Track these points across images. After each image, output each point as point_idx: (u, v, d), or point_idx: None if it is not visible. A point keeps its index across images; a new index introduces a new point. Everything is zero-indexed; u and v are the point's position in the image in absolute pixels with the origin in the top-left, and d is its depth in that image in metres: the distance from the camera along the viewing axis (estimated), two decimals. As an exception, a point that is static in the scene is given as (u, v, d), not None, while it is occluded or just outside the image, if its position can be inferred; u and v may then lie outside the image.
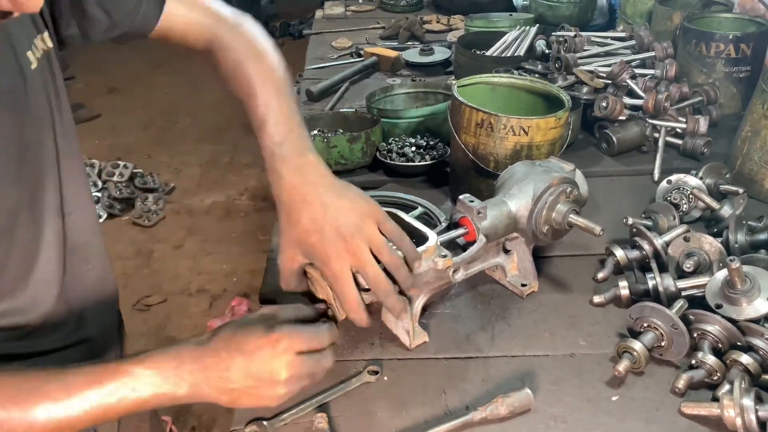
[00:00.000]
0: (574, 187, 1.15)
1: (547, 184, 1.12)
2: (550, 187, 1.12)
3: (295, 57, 4.44)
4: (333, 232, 0.87)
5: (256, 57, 1.01)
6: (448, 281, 1.10)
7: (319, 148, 1.60)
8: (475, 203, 1.10)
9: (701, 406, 0.94)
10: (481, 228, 1.10)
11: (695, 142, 1.65)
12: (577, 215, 1.13)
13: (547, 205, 1.12)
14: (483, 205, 1.09)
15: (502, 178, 1.20)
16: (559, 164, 1.20)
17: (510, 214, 1.13)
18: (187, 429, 2.47)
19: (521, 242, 1.20)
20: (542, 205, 1.12)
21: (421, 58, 2.42)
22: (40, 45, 0.87)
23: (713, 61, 1.84)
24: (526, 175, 1.15)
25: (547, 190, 1.12)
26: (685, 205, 1.38)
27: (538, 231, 1.14)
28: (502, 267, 1.22)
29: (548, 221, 1.13)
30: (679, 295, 1.12)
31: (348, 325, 1.13)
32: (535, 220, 1.13)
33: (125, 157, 4.21)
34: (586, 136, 1.81)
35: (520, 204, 1.13)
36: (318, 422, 0.93)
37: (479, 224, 1.09)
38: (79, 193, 0.98)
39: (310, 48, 2.78)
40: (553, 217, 1.13)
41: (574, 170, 1.20)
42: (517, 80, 1.54)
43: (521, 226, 1.15)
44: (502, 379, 1.04)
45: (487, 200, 1.14)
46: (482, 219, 1.10)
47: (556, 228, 1.14)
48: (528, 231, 1.15)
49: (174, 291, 3.25)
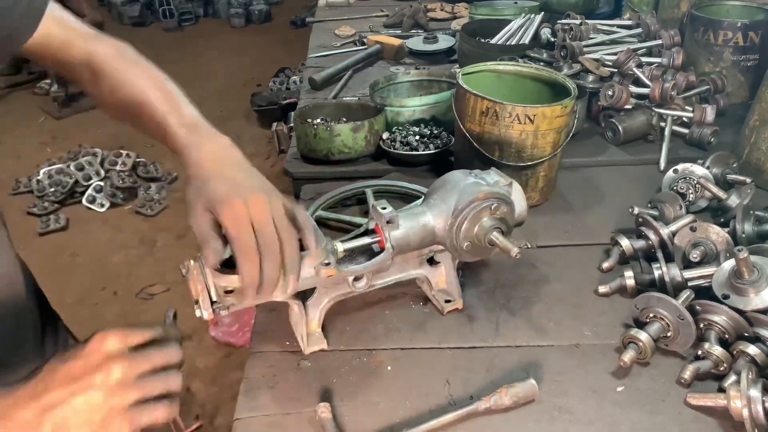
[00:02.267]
0: (501, 204, 1.04)
1: (471, 198, 1.02)
2: (474, 201, 1.02)
3: (300, 45, 4.42)
4: (246, 184, 0.87)
5: (139, 65, 1.01)
6: (350, 290, 1.05)
7: (323, 136, 1.59)
8: (387, 211, 1.01)
9: (707, 397, 0.94)
10: (390, 238, 1.02)
11: (702, 131, 1.64)
12: (500, 234, 1.03)
13: (468, 219, 1.02)
14: (394, 214, 1.01)
15: (433, 185, 1.10)
16: (496, 177, 1.10)
17: (427, 225, 1.04)
18: (191, 417, 2.47)
19: (448, 256, 1.13)
20: (462, 219, 1.02)
21: (425, 46, 2.40)
22: None
23: (721, 49, 1.82)
24: (455, 186, 1.05)
25: (470, 204, 1.02)
26: (691, 194, 1.37)
27: (458, 246, 1.05)
28: (427, 279, 1.15)
29: (469, 237, 1.04)
30: (686, 286, 1.11)
31: (349, 317, 1.13)
32: (454, 235, 1.04)
33: (128, 146, 4.20)
34: (592, 125, 1.79)
35: (440, 215, 1.04)
36: (321, 412, 0.93)
37: (388, 233, 1.01)
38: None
39: (313, 36, 2.76)
40: (474, 233, 1.04)
41: (510, 185, 1.10)
42: (523, 68, 1.52)
43: (440, 239, 1.06)
44: (507, 370, 1.03)
45: (406, 208, 1.07)
46: (392, 228, 1.01)
47: (477, 245, 1.05)
48: (448, 245, 1.06)
49: (177, 280, 3.24)
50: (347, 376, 1.02)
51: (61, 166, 3.95)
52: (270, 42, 6.57)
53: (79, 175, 3.88)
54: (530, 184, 1.41)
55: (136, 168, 4.01)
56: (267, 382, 1.02)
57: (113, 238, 3.61)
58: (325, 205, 1.44)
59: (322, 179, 1.60)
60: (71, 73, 1.04)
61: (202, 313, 0.89)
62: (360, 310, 1.15)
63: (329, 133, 1.59)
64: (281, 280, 0.88)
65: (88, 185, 3.87)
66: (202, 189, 0.86)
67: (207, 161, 0.89)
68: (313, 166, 1.65)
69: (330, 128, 1.60)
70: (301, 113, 1.76)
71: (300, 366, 1.05)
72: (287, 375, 1.03)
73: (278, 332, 1.11)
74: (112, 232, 3.66)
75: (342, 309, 1.13)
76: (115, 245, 3.55)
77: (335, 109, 1.81)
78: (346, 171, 1.62)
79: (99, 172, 3.94)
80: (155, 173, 4.06)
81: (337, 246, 0.99)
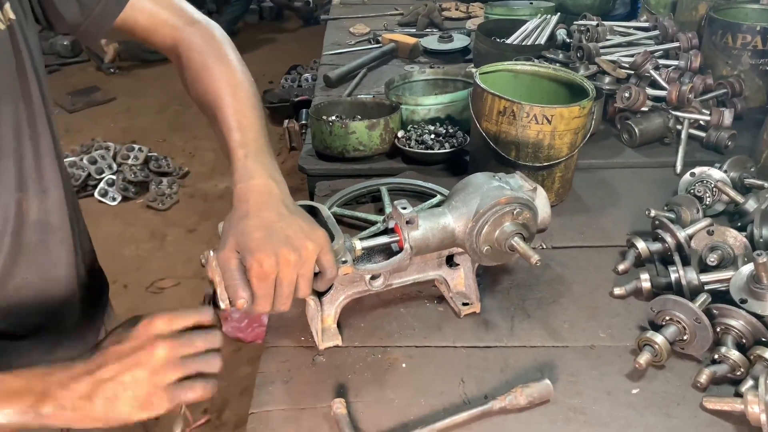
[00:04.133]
0: (524, 209, 1.02)
1: (493, 202, 1.00)
2: (496, 205, 1.01)
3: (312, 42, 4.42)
4: (280, 235, 0.86)
5: (223, 63, 1.01)
6: (367, 288, 1.05)
7: (338, 133, 1.60)
8: (407, 211, 1.00)
9: (724, 401, 0.93)
10: (409, 238, 1.01)
11: (719, 134, 1.63)
12: (521, 239, 1.01)
13: (489, 223, 1.01)
14: (414, 214, 1.00)
15: (455, 187, 1.09)
16: (520, 182, 1.09)
17: (447, 227, 1.03)
18: (199, 411, 2.49)
19: (468, 258, 1.12)
20: (483, 222, 1.01)
21: (440, 45, 2.40)
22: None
23: (739, 52, 1.81)
24: (477, 188, 1.04)
25: (492, 208, 1.01)
26: (708, 198, 1.36)
27: (478, 250, 1.04)
28: (445, 281, 1.15)
29: (489, 241, 1.03)
30: (702, 289, 1.11)
31: (364, 314, 1.14)
32: (474, 238, 1.03)
33: (140, 140, 4.22)
34: (607, 127, 1.79)
35: (461, 218, 1.03)
36: (336, 407, 0.93)
37: (407, 233, 1.01)
38: (43, 173, 0.95)
39: (327, 33, 2.77)
40: (495, 237, 1.02)
41: (534, 190, 1.09)
42: (540, 68, 1.51)
43: (459, 242, 1.05)
44: (521, 369, 1.03)
45: (426, 209, 1.07)
46: (412, 228, 1.01)
47: (497, 249, 1.04)
48: (468, 248, 1.05)
49: (187, 274, 3.26)
50: (362, 373, 1.03)
51: (74, 159, 3.97)
52: (282, 39, 6.58)
53: (91, 169, 3.91)
54: (546, 185, 1.40)
55: (148, 162, 4.03)
56: (282, 376, 1.02)
57: (124, 231, 3.63)
58: (340, 202, 1.45)
59: (336, 176, 1.60)
60: (167, 55, 1.07)
61: (219, 303, 0.90)
62: (375, 308, 1.16)
63: (344, 130, 1.60)
64: None
65: (100, 179, 3.90)
66: (238, 226, 0.87)
67: (251, 196, 0.89)
68: (327, 163, 1.66)
69: (345, 125, 1.60)
70: (317, 110, 1.76)
71: (315, 361, 1.05)
72: (302, 370, 1.03)
73: (293, 327, 1.11)
74: (123, 226, 3.68)
75: (357, 306, 1.13)
76: (126, 239, 3.57)
77: (350, 107, 1.82)
78: (361, 168, 1.63)
79: (111, 165, 3.96)
80: (167, 168, 4.07)
81: (356, 244, 0.99)
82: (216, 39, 1.04)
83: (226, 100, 0.97)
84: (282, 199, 0.91)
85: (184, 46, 1.03)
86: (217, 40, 1.04)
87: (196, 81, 1.01)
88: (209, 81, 0.99)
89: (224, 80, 0.99)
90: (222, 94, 0.98)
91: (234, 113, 0.96)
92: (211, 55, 1.01)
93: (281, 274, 0.85)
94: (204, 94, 1.00)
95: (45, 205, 0.96)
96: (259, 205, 0.88)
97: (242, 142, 0.94)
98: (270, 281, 0.85)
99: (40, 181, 0.95)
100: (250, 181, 0.91)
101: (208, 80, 0.99)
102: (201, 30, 1.04)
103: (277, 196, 0.91)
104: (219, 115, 0.97)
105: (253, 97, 1.00)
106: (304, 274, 0.88)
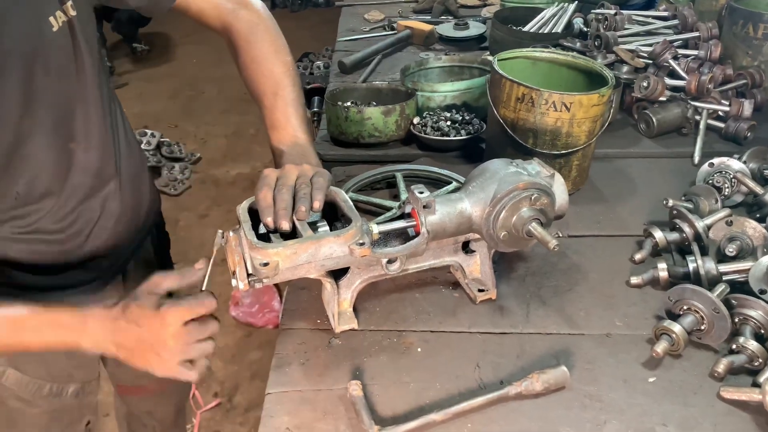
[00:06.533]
0: (542, 195, 1.02)
1: (511, 187, 1.00)
2: (514, 191, 1.01)
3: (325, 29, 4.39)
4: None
5: (278, 55, 1.15)
6: (383, 272, 1.05)
7: (354, 119, 1.59)
8: (424, 195, 1.01)
9: (742, 391, 0.93)
10: (426, 223, 1.01)
11: (738, 125, 1.61)
12: (539, 225, 1.01)
13: (506, 208, 1.01)
14: (431, 199, 1.01)
15: (472, 173, 1.09)
16: (538, 168, 1.09)
17: (464, 212, 1.03)
18: (210, 394, 2.51)
19: (484, 245, 1.12)
20: (500, 208, 1.01)
21: (456, 32, 2.38)
22: (62, 13, 0.96)
23: (760, 43, 1.78)
24: (494, 174, 1.04)
25: (509, 193, 1.01)
26: (727, 188, 1.35)
27: (495, 235, 1.03)
28: (461, 267, 1.15)
29: (506, 227, 1.02)
30: (720, 279, 1.10)
31: (379, 298, 1.14)
32: (491, 224, 1.03)
33: (152, 125, 4.23)
34: (624, 116, 1.77)
35: (478, 203, 1.03)
36: (353, 389, 0.93)
37: (424, 218, 1.01)
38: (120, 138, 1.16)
39: (342, 20, 2.75)
40: (512, 222, 1.02)
41: (552, 176, 1.09)
42: (559, 56, 1.50)
43: (476, 228, 1.05)
44: (537, 356, 1.03)
45: (443, 194, 1.07)
46: (429, 213, 1.01)
47: (514, 235, 1.04)
48: (485, 234, 1.05)
49: (199, 259, 3.27)
50: (377, 356, 1.03)
51: (86, 143, 3.99)
52: (295, 27, 6.55)
53: (104, 153, 3.92)
54: (563, 173, 1.39)
55: (160, 147, 4.04)
56: (298, 358, 1.03)
57: (136, 216, 3.65)
58: (355, 187, 1.45)
59: (351, 162, 1.60)
60: (220, 35, 1.20)
61: (238, 283, 0.90)
62: (390, 292, 1.16)
63: (360, 116, 1.59)
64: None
65: (112, 163, 3.91)
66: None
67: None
68: (343, 148, 1.66)
69: (361, 111, 1.59)
70: (332, 96, 1.76)
71: (331, 344, 1.05)
72: (318, 352, 1.04)
73: (309, 310, 1.12)
74: (135, 210, 3.69)
75: (372, 290, 1.14)
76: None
77: (366, 93, 1.81)
78: (376, 155, 1.62)
79: (124, 150, 3.97)
80: (179, 153, 4.08)
81: (372, 227, 0.99)
82: (256, 24, 1.15)
83: (268, 100, 1.12)
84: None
85: (232, 33, 1.16)
86: (258, 26, 1.15)
87: (243, 70, 1.16)
88: (254, 71, 1.14)
89: (265, 74, 1.13)
90: (263, 89, 1.13)
91: (273, 108, 1.12)
92: (255, 42, 1.14)
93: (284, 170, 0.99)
94: (250, 85, 1.15)
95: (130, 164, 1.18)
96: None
97: (278, 139, 1.10)
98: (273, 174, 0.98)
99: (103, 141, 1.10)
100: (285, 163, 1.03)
101: (252, 75, 1.14)
102: (247, 16, 1.15)
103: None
104: (262, 105, 1.13)
105: (293, 83, 1.14)
106: (302, 174, 0.99)
